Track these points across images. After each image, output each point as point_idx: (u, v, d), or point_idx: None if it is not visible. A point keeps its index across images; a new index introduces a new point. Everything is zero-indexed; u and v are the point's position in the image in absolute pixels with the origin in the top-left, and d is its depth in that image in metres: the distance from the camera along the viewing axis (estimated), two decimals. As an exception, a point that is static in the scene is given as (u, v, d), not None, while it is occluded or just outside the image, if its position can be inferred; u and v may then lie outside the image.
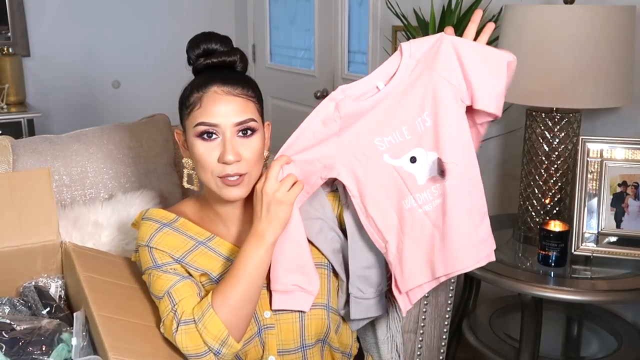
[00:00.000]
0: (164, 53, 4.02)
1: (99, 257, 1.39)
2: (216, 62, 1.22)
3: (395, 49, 2.84)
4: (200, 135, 1.17)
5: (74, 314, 1.20)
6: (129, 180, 1.73)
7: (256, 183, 1.20)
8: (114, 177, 1.72)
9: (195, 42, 1.23)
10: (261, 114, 1.23)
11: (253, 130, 1.18)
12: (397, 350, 1.48)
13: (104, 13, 3.83)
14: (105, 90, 3.93)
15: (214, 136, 1.17)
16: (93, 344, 1.16)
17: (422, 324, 1.54)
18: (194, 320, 1.15)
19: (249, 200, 1.24)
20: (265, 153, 1.25)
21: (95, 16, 3.81)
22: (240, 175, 1.18)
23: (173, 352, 1.17)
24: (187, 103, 1.20)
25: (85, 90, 3.87)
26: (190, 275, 1.24)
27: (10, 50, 3.49)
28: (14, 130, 3.18)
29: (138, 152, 1.76)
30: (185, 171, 1.27)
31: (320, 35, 3.42)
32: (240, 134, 1.17)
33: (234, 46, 1.26)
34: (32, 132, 3.27)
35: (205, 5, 4.11)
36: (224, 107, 1.16)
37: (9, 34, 3.59)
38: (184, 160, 1.28)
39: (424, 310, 1.53)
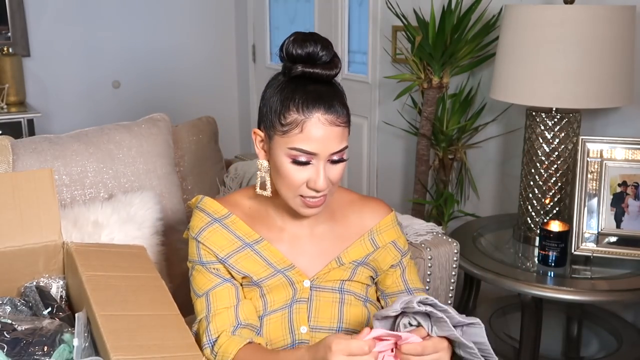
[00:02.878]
0: (164, 53, 4.02)
1: (103, 251, 1.38)
2: (319, 74, 1.16)
3: (395, 49, 2.86)
4: (295, 158, 1.14)
5: (76, 315, 1.19)
6: (128, 180, 1.73)
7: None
8: (114, 177, 1.72)
9: (299, 43, 1.14)
10: (348, 134, 1.20)
11: (342, 157, 1.17)
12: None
13: (104, 13, 3.83)
14: (105, 90, 3.93)
15: (309, 163, 1.15)
16: (95, 345, 1.16)
17: (422, 324, 1.54)
18: (215, 353, 1.20)
19: None
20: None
21: (95, 16, 3.81)
22: (324, 196, 1.18)
23: (181, 342, 1.16)
24: (283, 119, 1.14)
25: (85, 90, 3.87)
26: (232, 276, 1.25)
27: (10, 50, 3.48)
28: (14, 130, 3.17)
29: (138, 152, 1.76)
30: (259, 174, 1.23)
31: (320, 35, 3.42)
32: (333, 161, 1.16)
33: (334, 52, 1.19)
34: (32, 132, 3.26)
35: (205, 6, 4.11)
36: (325, 137, 1.13)
37: (9, 34, 3.59)
38: (258, 162, 1.22)
39: (424, 310, 1.53)
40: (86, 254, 1.33)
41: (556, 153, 1.93)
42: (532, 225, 2.00)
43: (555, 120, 1.91)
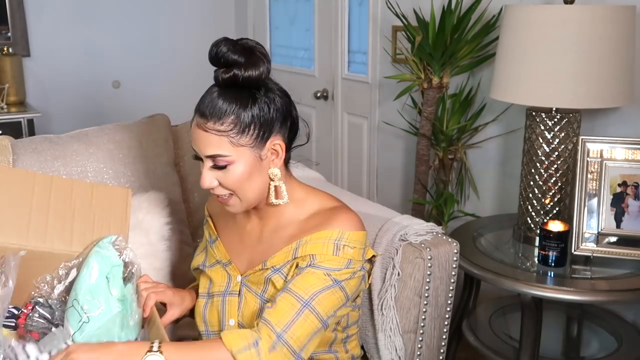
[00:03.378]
0: (164, 53, 4.02)
1: None
2: (216, 76, 1.19)
3: (395, 49, 2.86)
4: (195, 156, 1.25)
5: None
6: (128, 180, 1.73)
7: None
8: (114, 177, 1.72)
9: (211, 47, 1.18)
10: (253, 139, 1.18)
11: (225, 165, 1.19)
12: (397, 352, 1.49)
13: (104, 13, 3.83)
14: (105, 90, 3.93)
15: (202, 160, 1.23)
16: None
17: (422, 324, 1.54)
18: None
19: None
20: (273, 171, 1.22)
21: (95, 16, 3.81)
22: (223, 197, 1.24)
23: None
24: None
25: (85, 90, 3.87)
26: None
27: (10, 50, 3.49)
28: (14, 130, 3.17)
29: (138, 152, 1.76)
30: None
31: (320, 35, 3.42)
32: (215, 165, 1.20)
33: (246, 50, 1.17)
34: (32, 132, 3.27)
35: (205, 6, 4.11)
36: (197, 140, 1.21)
37: (9, 34, 3.59)
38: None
39: (424, 310, 1.53)
40: None
41: (556, 153, 1.93)
42: (532, 225, 2.00)
43: (555, 120, 1.91)
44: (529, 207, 2.00)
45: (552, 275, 1.82)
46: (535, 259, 1.91)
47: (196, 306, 1.37)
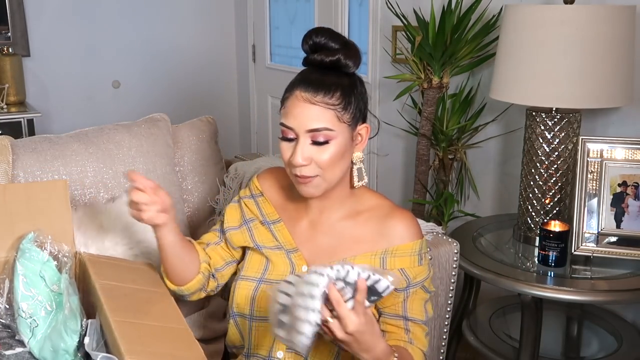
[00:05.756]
0: (164, 53, 4.02)
1: (116, 265, 1.41)
2: (316, 59, 1.22)
3: (395, 49, 2.86)
4: (282, 134, 1.22)
5: (88, 321, 1.21)
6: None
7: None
8: (114, 177, 1.72)
9: (307, 36, 1.23)
10: (351, 118, 1.21)
11: (327, 140, 1.19)
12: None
13: (103, 13, 3.83)
14: (105, 90, 3.93)
15: (292, 140, 1.21)
16: (108, 351, 1.17)
17: (422, 324, 1.54)
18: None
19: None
20: (358, 155, 1.26)
21: (95, 16, 3.80)
22: (309, 177, 1.21)
23: (190, 353, 1.17)
24: (282, 100, 1.24)
25: (85, 90, 3.87)
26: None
27: (10, 50, 3.48)
28: (14, 130, 3.17)
29: (138, 152, 1.76)
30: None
31: (320, 35, 3.42)
32: (315, 142, 1.19)
33: (346, 42, 1.23)
34: (32, 132, 3.26)
35: (205, 5, 4.11)
36: (300, 113, 1.19)
37: (9, 34, 3.58)
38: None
39: (424, 310, 1.53)
40: (99, 265, 1.35)
41: (556, 153, 1.93)
42: (532, 225, 2.00)
43: (555, 120, 1.91)
44: (529, 207, 2.00)
45: (552, 275, 1.82)
46: (535, 259, 1.91)
47: (240, 288, 1.33)
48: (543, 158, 1.94)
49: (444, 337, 1.65)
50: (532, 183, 1.98)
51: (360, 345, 1.09)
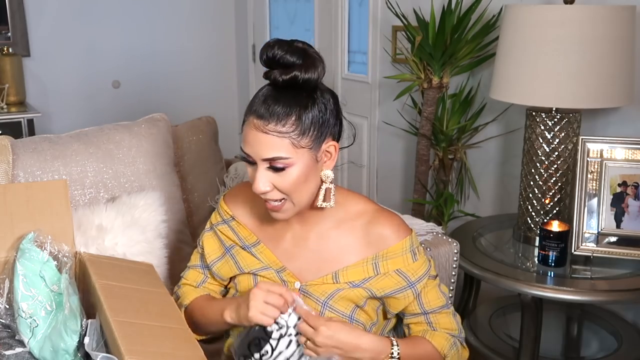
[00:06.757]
0: (164, 53, 4.02)
1: (116, 265, 1.40)
2: (274, 77, 1.15)
3: (395, 49, 2.86)
4: (243, 158, 1.19)
5: (88, 321, 1.20)
6: (128, 180, 1.73)
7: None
8: (114, 177, 1.72)
9: (264, 47, 1.15)
10: (311, 141, 1.16)
11: (284, 167, 1.15)
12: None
13: (104, 13, 3.83)
14: (105, 90, 3.93)
15: (254, 164, 1.17)
16: (108, 351, 1.17)
17: (422, 324, 1.54)
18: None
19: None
20: (327, 173, 1.21)
21: (95, 16, 3.80)
22: (276, 202, 1.19)
23: (190, 353, 1.18)
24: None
25: (85, 90, 3.87)
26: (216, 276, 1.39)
27: (10, 50, 3.48)
28: (14, 130, 3.17)
29: (138, 152, 1.76)
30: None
31: (320, 35, 3.42)
32: (273, 167, 1.16)
33: (305, 54, 1.15)
34: (32, 132, 3.26)
35: (205, 6, 4.11)
36: (254, 142, 1.15)
37: (9, 34, 3.59)
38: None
39: (424, 310, 1.53)
40: (99, 265, 1.35)
41: (556, 153, 1.93)
42: (532, 225, 2.00)
43: (555, 120, 1.91)
44: (529, 207, 2.00)
45: (552, 275, 1.82)
46: (535, 259, 1.91)
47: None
48: (543, 158, 1.94)
49: (444, 337, 1.65)
50: (532, 183, 1.98)
51: (346, 346, 1.17)
